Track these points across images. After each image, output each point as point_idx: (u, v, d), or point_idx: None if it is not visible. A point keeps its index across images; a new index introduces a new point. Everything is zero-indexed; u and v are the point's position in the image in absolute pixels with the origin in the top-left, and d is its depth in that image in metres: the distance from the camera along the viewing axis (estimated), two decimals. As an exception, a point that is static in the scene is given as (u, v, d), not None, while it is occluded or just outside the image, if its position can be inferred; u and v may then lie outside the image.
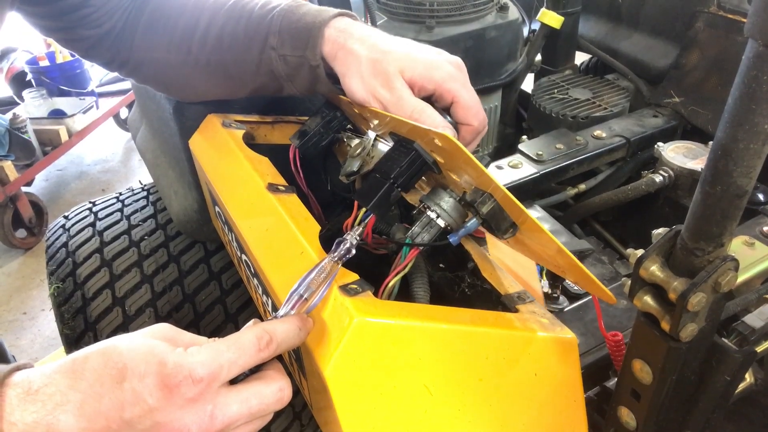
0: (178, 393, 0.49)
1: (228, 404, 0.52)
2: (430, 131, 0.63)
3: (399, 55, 0.77)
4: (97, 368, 0.49)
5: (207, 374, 0.50)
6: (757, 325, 0.70)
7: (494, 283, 0.76)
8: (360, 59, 0.77)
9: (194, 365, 0.50)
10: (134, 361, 0.49)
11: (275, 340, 0.56)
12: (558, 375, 0.70)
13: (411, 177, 0.72)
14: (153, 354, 0.50)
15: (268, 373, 0.56)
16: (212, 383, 0.51)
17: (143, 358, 0.49)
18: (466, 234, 0.70)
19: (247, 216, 0.83)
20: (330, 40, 0.79)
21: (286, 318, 0.59)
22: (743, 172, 0.49)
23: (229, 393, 0.52)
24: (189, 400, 0.49)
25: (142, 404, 0.48)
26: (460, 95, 0.78)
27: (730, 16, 1.31)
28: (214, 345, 0.53)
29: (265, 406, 0.54)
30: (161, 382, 0.49)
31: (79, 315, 1.23)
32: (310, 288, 0.61)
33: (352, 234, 0.68)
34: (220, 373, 0.51)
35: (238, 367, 0.53)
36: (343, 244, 0.66)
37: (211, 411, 0.50)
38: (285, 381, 0.57)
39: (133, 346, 0.50)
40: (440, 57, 0.80)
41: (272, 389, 0.55)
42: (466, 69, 0.81)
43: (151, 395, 0.48)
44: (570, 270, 0.66)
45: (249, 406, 0.53)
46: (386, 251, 0.80)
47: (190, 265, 1.27)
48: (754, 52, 0.44)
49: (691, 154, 1.17)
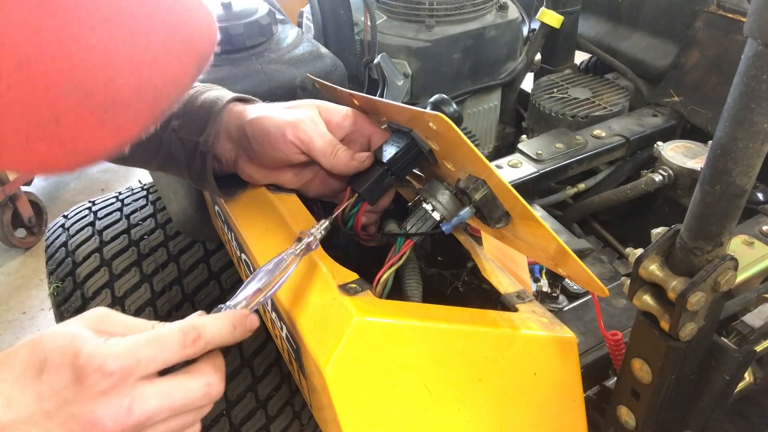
0: (88, 385, 0.49)
1: (147, 398, 0.51)
2: (425, 114, 0.62)
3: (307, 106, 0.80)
4: (23, 360, 0.50)
5: (119, 368, 0.49)
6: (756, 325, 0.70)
7: (494, 282, 0.76)
8: (272, 118, 0.77)
9: (107, 358, 0.49)
10: (53, 352, 0.50)
11: (203, 337, 0.54)
12: (557, 374, 0.70)
13: (406, 164, 0.72)
14: (71, 345, 0.50)
15: (200, 367, 0.55)
16: (127, 377, 0.50)
17: (61, 350, 0.50)
18: (459, 223, 0.69)
19: (247, 215, 0.83)
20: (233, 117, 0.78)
21: (221, 314, 0.57)
22: (742, 172, 0.49)
23: (150, 386, 0.51)
24: (100, 392, 0.49)
25: (57, 396, 0.49)
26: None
27: (729, 15, 1.31)
28: (135, 338, 0.52)
29: (189, 401, 0.53)
30: (74, 373, 0.49)
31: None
32: (266, 281, 0.60)
33: (317, 228, 0.68)
34: (136, 367, 0.50)
35: (158, 363, 0.52)
36: (306, 238, 0.66)
37: (128, 404, 0.50)
38: (215, 376, 0.55)
39: (55, 337, 0.51)
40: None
41: (199, 384, 0.54)
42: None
43: (66, 388, 0.49)
44: (561, 261, 0.66)
45: (171, 401, 0.52)
46: (377, 243, 0.80)
47: (189, 265, 1.27)
48: (754, 52, 0.44)
49: (691, 153, 1.17)
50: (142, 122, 0.51)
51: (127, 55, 0.48)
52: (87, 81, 0.46)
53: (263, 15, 1.05)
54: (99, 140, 0.49)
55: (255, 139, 0.76)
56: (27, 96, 0.45)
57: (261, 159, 0.79)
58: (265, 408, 1.18)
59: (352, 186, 0.74)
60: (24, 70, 0.44)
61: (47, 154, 0.48)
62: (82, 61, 0.46)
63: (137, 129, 0.51)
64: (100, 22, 0.46)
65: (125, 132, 0.50)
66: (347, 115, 0.79)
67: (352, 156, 0.74)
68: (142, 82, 0.49)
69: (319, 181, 0.82)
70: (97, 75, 0.47)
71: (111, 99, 0.48)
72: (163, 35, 0.50)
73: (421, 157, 0.72)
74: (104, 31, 0.46)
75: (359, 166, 0.74)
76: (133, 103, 0.49)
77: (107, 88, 0.47)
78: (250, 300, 0.60)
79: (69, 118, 0.47)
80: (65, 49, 0.45)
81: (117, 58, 0.47)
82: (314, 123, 0.76)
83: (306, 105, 0.79)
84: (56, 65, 0.45)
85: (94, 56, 0.46)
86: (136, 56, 0.48)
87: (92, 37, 0.46)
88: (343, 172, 0.75)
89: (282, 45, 1.08)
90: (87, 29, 0.45)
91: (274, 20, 1.09)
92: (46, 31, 0.44)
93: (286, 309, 0.67)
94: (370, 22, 1.30)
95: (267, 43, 1.07)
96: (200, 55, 0.54)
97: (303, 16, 1.48)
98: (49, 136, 0.48)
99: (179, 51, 0.51)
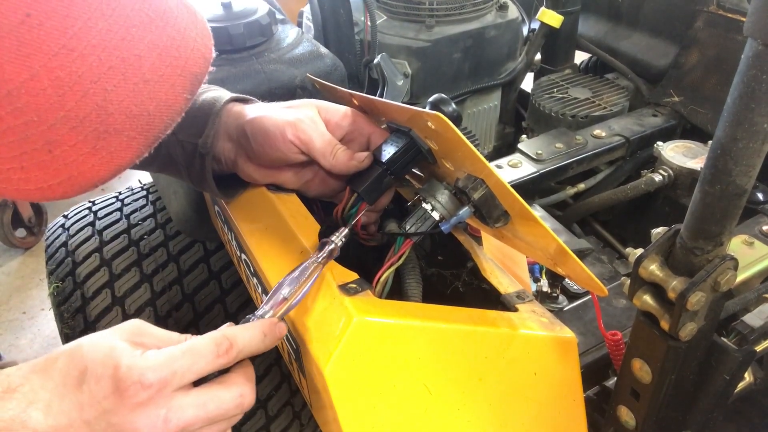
0: (127, 396, 0.50)
1: (183, 408, 0.52)
2: (424, 113, 0.62)
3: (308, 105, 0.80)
4: (63, 369, 0.51)
5: (157, 380, 0.51)
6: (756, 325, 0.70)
7: (494, 282, 0.76)
8: (272, 118, 0.77)
9: (145, 370, 0.51)
10: (93, 363, 0.51)
11: (236, 347, 0.56)
12: (557, 374, 0.70)
13: (405, 164, 0.72)
14: (111, 357, 0.51)
15: (232, 377, 0.56)
16: (163, 389, 0.51)
17: (101, 361, 0.51)
18: (458, 222, 0.69)
19: (247, 215, 0.83)
20: (231, 117, 0.78)
21: (252, 324, 0.59)
22: (742, 171, 0.49)
23: (185, 397, 0.53)
24: (139, 404, 0.50)
25: (97, 406, 0.50)
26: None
27: (729, 15, 1.31)
28: (170, 350, 0.53)
29: (223, 411, 0.55)
30: (113, 385, 0.50)
31: (78, 314, 1.23)
32: (291, 289, 0.61)
33: (338, 235, 0.68)
34: (172, 379, 0.52)
35: (193, 374, 0.53)
36: (327, 246, 0.66)
37: (164, 415, 0.51)
38: (248, 387, 0.57)
39: (95, 349, 0.52)
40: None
41: (232, 394, 0.55)
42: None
43: (105, 398, 0.50)
44: (561, 260, 0.66)
45: (206, 411, 0.53)
46: (376, 243, 0.80)
47: (189, 265, 1.27)
48: (754, 51, 0.44)
49: (691, 153, 1.17)
50: (136, 148, 0.51)
51: (118, 81, 0.48)
52: (78, 109, 0.46)
53: (263, 15, 1.05)
54: (93, 167, 0.50)
55: (254, 139, 0.76)
56: (19, 126, 0.45)
57: (260, 159, 0.78)
58: (265, 408, 1.18)
59: (352, 186, 0.74)
60: (14, 99, 0.45)
61: (43, 183, 0.49)
62: (72, 88, 0.46)
63: (131, 155, 0.51)
64: (89, 48, 0.46)
65: (119, 158, 0.51)
66: (346, 115, 0.79)
67: (351, 156, 0.74)
68: (135, 107, 0.49)
69: (318, 180, 0.82)
70: (87, 102, 0.47)
71: (103, 126, 0.48)
72: (155, 59, 0.50)
73: (421, 157, 0.72)
74: (94, 58, 0.46)
75: (358, 166, 0.74)
76: (126, 129, 0.49)
77: (99, 115, 0.47)
78: (277, 308, 0.61)
79: (62, 146, 0.47)
80: (55, 77, 0.45)
81: (108, 84, 0.47)
82: (314, 123, 0.76)
83: (305, 105, 0.79)
84: (46, 94, 0.45)
85: (84, 83, 0.46)
86: (127, 82, 0.48)
87: (82, 64, 0.46)
88: (342, 171, 0.75)
89: (282, 45, 1.08)
90: (76, 56, 0.45)
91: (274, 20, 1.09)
92: (34, 60, 0.44)
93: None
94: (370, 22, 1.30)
95: (267, 43, 1.07)
96: (194, 76, 0.54)
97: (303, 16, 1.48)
98: (44, 165, 0.48)
99: (171, 75, 0.51)
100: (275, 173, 0.81)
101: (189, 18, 0.54)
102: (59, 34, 0.45)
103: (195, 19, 0.55)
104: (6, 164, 0.47)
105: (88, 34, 0.46)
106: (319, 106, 0.79)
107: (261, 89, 1.01)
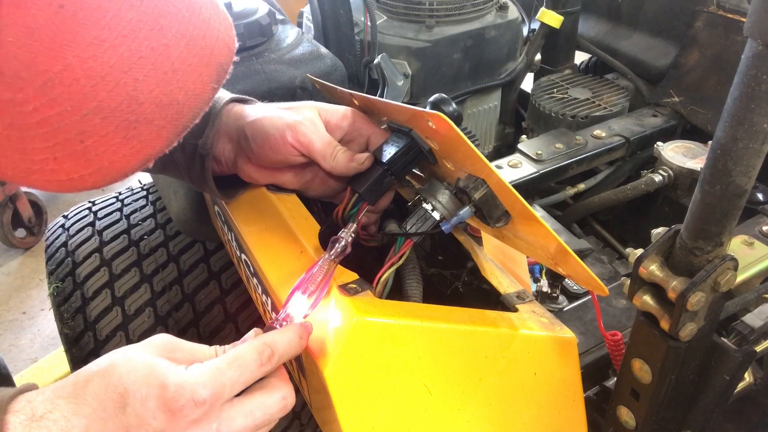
0: (181, 416, 0.49)
1: (232, 419, 0.52)
2: (425, 113, 0.62)
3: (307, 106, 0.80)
4: (98, 393, 0.49)
5: (210, 395, 0.50)
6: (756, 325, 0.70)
7: (494, 282, 0.76)
8: (271, 118, 0.77)
9: (196, 387, 0.50)
10: (135, 384, 0.49)
11: (277, 353, 0.56)
12: (557, 374, 0.70)
13: (405, 164, 0.72)
14: (153, 376, 0.50)
15: (271, 382, 0.56)
16: (215, 403, 0.51)
17: (144, 381, 0.50)
18: (458, 222, 0.69)
19: (247, 215, 0.83)
20: (232, 117, 0.78)
21: (287, 328, 0.59)
22: (742, 172, 0.49)
23: (233, 408, 0.53)
24: (193, 421, 0.50)
25: (146, 427, 0.49)
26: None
27: (729, 15, 1.31)
28: (215, 363, 0.53)
29: (269, 416, 0.55)
30: (164, 405, 0.49)
31: (78, 314, 1.23)
32: (310, 288, 0.61)
33: (347, 231, 0.68)
34: (223, 392, 0.51)
35: (241, 384, 0.53)
36: (338, 243, 0.66)
37: (216, 428, 0.51)
38: (288, 389, 0.57)
39: (132, 368, 0.50)
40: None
41: (275, 398, 0.55)
42: None
43: (155, 418, 0.49)
44: (561, 260, 0.66)
45: (254, 418, 0.53)
46: (377, 243, 0.80)
47: (189, 265, 1.27)
48: (754, 52, 0.44)
49: (691, 153, 1.17)
50: (166, 137, 0.52)
51: (148, 71, 0.48)
52: (110, 99, 0.47)
53: (263, 15, 1.05)
54: (124, 157, 0.50)
55: (254, 141, 0.76)
56: (53, 117, 0.46)
57: (260, 160, 0.78)
58: (265, 408, 1.18)
59: (352, 186, 0.74)
60: (49, 90, 0.45)
61: (74, 173, 0.49)
62: (104, 79, 0.46)
63: (161, 144, 0.52)
64: (120, 39, 0.46)
65: (149, 148, 0.51)
66: (346, 116, 0.79)
67: (351, 157, 0.74)
68: (164, 97, 0.50)
69: (319, 181, 0.82)
70: (119, 92, 0.47)
71: (134, 115, 0.48)
72: (182, 49, 0.50)
73: (421, 157, 0.72)
74: (125, 48, 0.47)
75: (359, 167, 0.74)
76: (156, 118, 0.50)
77: (130, 105, 0.48)
78: (300, 309, 0.61)
79: (94, 137, 0.48)
80: (88, 67, 0.45)
81: (138, 74, 0.48)
82: (314, 125, 0.76)
83: (305, 106, 0.79)
84: (80, 84, 0.46)
85: (116, 74, 0.47)
86: (156, 72, 0.48)
87: (113, 55, 0.46)
88: (342, 173, 0.75)
89: (282, 45, 1.08)
90: (108, 47, 0.46)
91: (274, 20, 1.09)
92: (68, 51, 0.45)
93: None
94: (370, 22, 1.30)
95: (267, 44, 1.07)
96: (219, 65, 0.54)
97: (303, 16, 1.48)
98: (76, 155, 0.48)
99: (199, 64, 0.52)
100: (275, 174, 0.81)
101: (212, 9, 0.54)
102: (92, 24, 0.45)
103: (218, 9, 0.55)
104: (39, 155, 0.47)
105: (119, 25, 0.46)
106: (319, 107, 0.79)
107: (261, 89, 1.01)
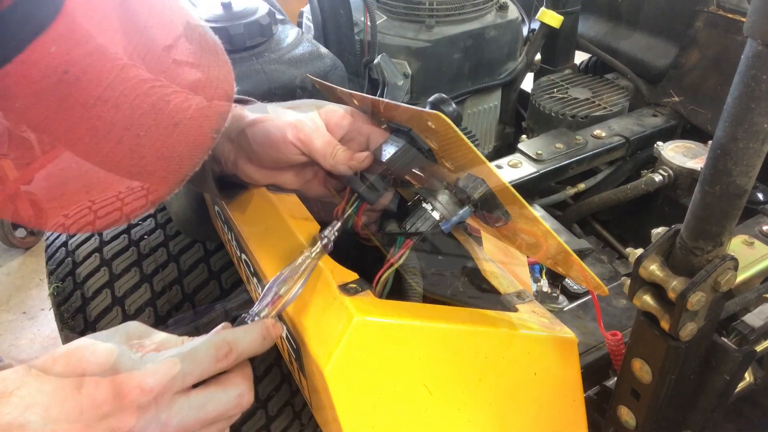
0: (128, 401, 0.50)
1: (182, 410, 0.53)
2: (424, 113, 0.63)
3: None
4: (61, 372, 0.51)
5: (157, 384, 0.51)
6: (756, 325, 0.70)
7: (494, 282, 0.76)
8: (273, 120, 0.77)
9: (145, 375, 0.51)
10: (92, 366, 0.51)
11: (235, 351, 0.56)
12: (558, 374, 0.70)
13: (405, 164, 0.72)
14: (109, 360, 0.51)
15: (230, 378, 0.57)
16: (165, 393, 0.52)
17: (100, 365, 0.51)
18: (458, 222, 0.69)
19: (247, 215, 0.83)
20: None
21: (252, 326, 0.59)
22: (742, 172, 0.49)
23: (184, 400, 0.53)
24: (140, 408, 0.51)
25: (97, 410, 0.50)
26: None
27: (729, 15, 1.31)
28: (169, 354, 0.53)
29: (222, 412, 0.55)
30: (113, 390, 0.50)
31: (78, 314, 1.23)
32: (286, 286, 0.61)
33: (330, 230, 0.68)
34: (172, 384, 0.52)
35: (193, 378, 0.54)
36: (320, 241, 0.66)
37: (165, 419, 0.52)
38: (245, 386, 0.57)
39: (93, 352, 0.52)
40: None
41: (230, 395, 0.55)
42: None
43: (105, 402, 0.50)
44: (561, 260, 0.66)
45: (206, 412, 0.54)
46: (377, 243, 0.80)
47: (189, 265, 1.27)
48: (753, 52, 0.44)
49: (691, 153, 1.17)
50: (168, 186, 0.54)
51: (150, 126, 0.50)
52: (113, 153, 0.49)
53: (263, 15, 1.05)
54: (126, 205, 0.53)
55: (255, 141, 0.76)
56: (59, 171, 0.49)
57: (261, 160, 0.79)
58: (265, 408, 1.18)
59: (352, 186, 0.74)
60: (55, 148, 0.48)
61: (81, 220, 0.52)
62: (107, 136, 0.48)
63: (164, 191, 0.54)
64: (122, 98, 0.48)
65: (152, 196, 0.53)
66: (346, 115, 0.79)
67: (351, 156, 0.74)
68: (166, 150, 0.52)
69: (319, 181, 0.82)
70: (122, 148, 0.49)
71: (137, 168, 0.51)
72: (182, 102, 0.52)
73: (421, 157, 0.72)
74: (126, 106, 0.49)
75: (359, 167, 0.74)
76: (159, 170, 0.52)
77: (132, 158, 0.50)
78: (272, 307, 0.61)
79: (98, 188, 0.50)
80: (91, 126, 0.48)
81: (140, 129, 0.50)
82: (314, 123, 0.76)
83: (305, 105, 0.79)
84: (83, 142, 0.48)
85: (118, 130, 0.49)
86: (158, 126, 0.50)
87: (116, 112, 0.48)
88: (342, 172, 0.75)
89: (282, 45, 1.07)
90: (110, 105, 0.48)
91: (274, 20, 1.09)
92: (73, 112, 0.47)
93: (286, 309, 0.67)
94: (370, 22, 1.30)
95: (267, 44, 1.07)
96: (219, 114, 0.56)
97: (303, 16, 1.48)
98: (82, 204, 0.51)
99: (198, 116, 0.53)
100: (276, 174, 0.81)
101: (212, 56, 0.56)
102: (94, 86, 0.47)
103: (218, 58, 0.57)
104: (47, 203, 0.50)
105: (121, 84, 0.48)
106: (319, 107, 0.79)
107: (261, 89, 1.01)
